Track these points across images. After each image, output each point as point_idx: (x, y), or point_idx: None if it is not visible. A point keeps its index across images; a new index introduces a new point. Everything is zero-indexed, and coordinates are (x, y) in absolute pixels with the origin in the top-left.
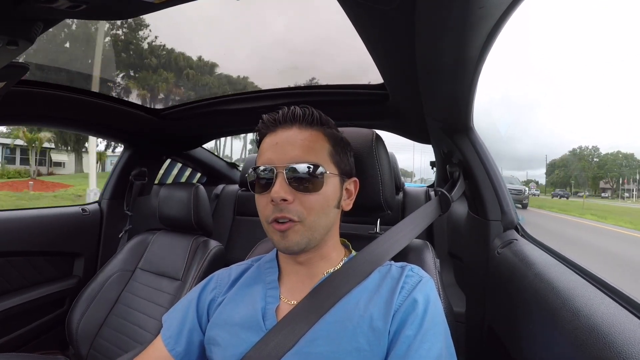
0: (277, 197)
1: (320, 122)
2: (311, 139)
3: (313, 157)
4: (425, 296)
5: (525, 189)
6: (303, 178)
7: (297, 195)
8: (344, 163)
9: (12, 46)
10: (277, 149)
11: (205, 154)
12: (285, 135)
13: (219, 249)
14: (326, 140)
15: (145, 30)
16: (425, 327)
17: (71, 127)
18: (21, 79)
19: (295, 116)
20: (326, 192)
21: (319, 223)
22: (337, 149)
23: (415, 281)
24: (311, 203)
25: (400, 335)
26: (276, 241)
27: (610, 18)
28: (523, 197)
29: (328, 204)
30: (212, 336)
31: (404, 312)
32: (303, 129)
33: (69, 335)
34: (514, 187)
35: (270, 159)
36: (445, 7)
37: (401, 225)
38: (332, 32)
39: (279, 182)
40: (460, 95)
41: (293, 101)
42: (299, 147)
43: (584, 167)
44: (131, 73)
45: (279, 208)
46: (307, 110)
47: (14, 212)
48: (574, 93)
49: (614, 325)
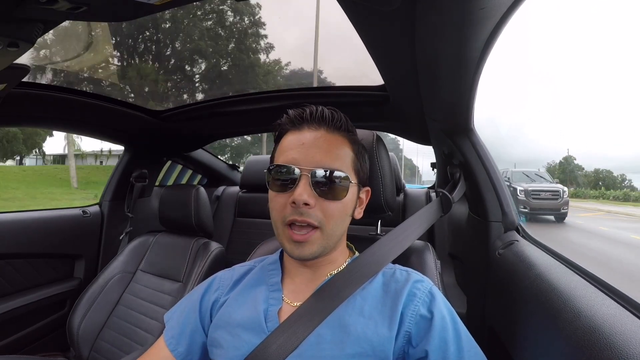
0: (300, 200)
1: (347, 129)
2: (338, 145)
3: (338, 163)
4: (447, 309)
5: (564, 190)
6: (327, 184)
7: (319, 201)
8: (363, 171)
9: (12, 48)
10: (303, 149)
11: (206, 156)
12: (312, 136)
13: (219, 250)
14: (350, 147)
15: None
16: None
17: (71, 129)
18: (21, 80)
19: (324, 118)
20: (346, 201)
21: (335, 231)
22: (359, 157)
23: (426, 293)
24: (332, 211)
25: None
26: (289, 250)
27: (604, 30)
28: (561, 203)
29: (346, 213)
30: (214, 338)
31: (417, 327)
32: (331, 133)
33: (70, 337)
34: (546, 188)
35: (295, 159)
36: (445, 9)
37: (404, 226)
38: (332, 33)
39: (303, 185)
40: (461, 97)
41: (295, 103)
42: (326, 151)
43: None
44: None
45: (299, 211)
46: (335, 114)
47: (14, 214)
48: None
49: (615, 326)
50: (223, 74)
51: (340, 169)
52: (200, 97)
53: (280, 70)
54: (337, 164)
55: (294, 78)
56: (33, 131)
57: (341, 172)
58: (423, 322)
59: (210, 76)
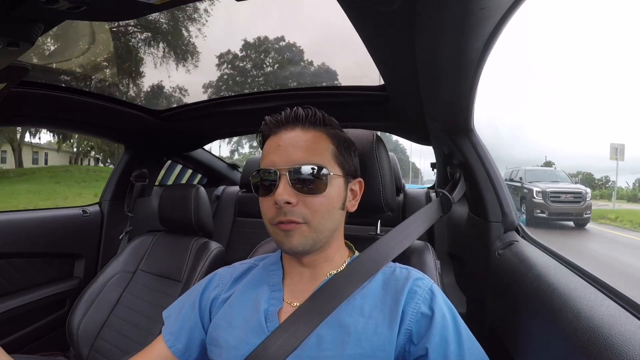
0: (280, 200)
1: (324, 123)
2: (314, 140)
3: (316, 158)
4: (448, 307)
5: (587, 191)
6: (306, 180)
7: (301, 198)
8: (349, 163)
9: (12, 47)
10: (280, 151)
11: (206, 155)
12: (288, 137)
13: (219, 250)
14: (329, 140)
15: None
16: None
17: (71, 129)
18: (21, 80)
19: (298, 117)
20: (330, 194)
21: (324, 225)
22: (341, 150)
23: (427, 291)
24: (315, 205)
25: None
26: (280, 242)
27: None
28: (584, 207)
29: (333, 206)
30: (214, 337)
31: (418, 325)
32: (306, 130)
33: (69, 337)
34: (567, 189)
35: (273, 162)
36: (445, 9)
37: (404, 226)
38: (332, 33)
39: (282, 185)
40: (461, 97)
41: (294, 102)
42: (302, 148)
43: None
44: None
45: (282, 211)
46: (309, 110)
47: (14, 214)
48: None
49: (615, 327)
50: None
51: (318, 163)
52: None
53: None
54: (316, 159)
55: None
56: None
57: (317, 166)
58: (424, 320)
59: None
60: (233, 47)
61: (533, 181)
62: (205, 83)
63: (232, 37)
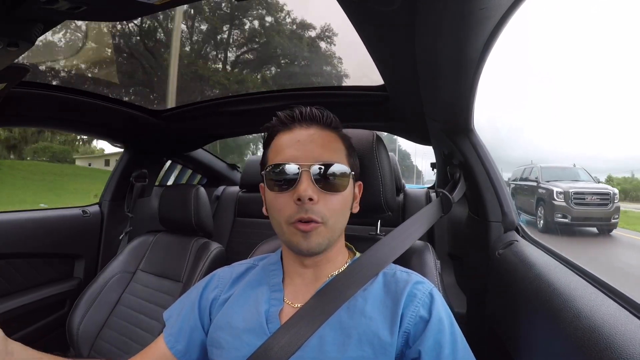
0: (304, 196)
1: (337, 126)
2: (331, 140)
3: (336, 157)
4: (446, 312)
5: (615, 192)
6: (329, 178)
7: (322, 195)
8: (355, 166)
9: (12, 47)
10: (300, 146)
11: (206, 156)
12: (306, 134)
13: (219, 250)
14: (341, 142)
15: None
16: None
17: (71, 129)
18: (21, 80)
19: (314, 116)
20: (346, 194)
21: (337, 225)
22: (350, 152)
23: (427, 295)
24: (334, 204)
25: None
26: (296, 243)
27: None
28: (612, 211)
29: (347, 206)
30: (215, 338)
31: (415, 327)
32: (322, 129)
33: (69, 337)
34: (592, 189)
35: (295, 156)
36: (446, 9)
37: (404, 226)
38: (332, 33)
39: (305, 180)
40: (461, 97)
41: (294, 102)
42: (322, 146)
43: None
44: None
45: (304, 208)
46: (324, 111)
47: (14, 214)
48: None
49: (615, 327)
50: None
51: (339, 161)
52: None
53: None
54: (335, 158)
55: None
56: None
57: (340, 165)
58: (421, 324)
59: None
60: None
61: (551, 180)
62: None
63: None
